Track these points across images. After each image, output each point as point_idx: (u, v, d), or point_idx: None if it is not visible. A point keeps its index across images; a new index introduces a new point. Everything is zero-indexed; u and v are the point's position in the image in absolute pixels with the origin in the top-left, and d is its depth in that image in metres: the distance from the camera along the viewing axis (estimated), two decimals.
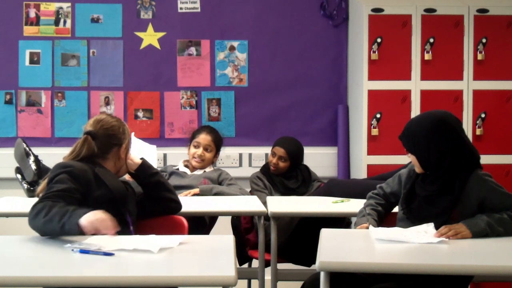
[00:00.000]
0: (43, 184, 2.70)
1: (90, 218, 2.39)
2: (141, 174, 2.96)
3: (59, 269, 2.11)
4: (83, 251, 2.24)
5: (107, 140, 2.80)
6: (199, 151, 4.14)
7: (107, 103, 4.89)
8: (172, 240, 2.41)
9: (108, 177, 2.73)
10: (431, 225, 2.63)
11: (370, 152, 4.53)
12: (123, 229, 2.55)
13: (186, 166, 4.19)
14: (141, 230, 2.71)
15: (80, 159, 2.74)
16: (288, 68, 4.97)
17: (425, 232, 2.60)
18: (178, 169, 4.18)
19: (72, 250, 2.25)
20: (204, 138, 4.17)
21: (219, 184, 4.07)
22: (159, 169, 4.26)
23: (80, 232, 2.39)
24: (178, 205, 3.02)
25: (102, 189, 2.67)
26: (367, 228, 2.78)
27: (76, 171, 2.62)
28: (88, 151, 2.75)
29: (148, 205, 2.93)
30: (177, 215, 3.03)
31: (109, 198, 2.66)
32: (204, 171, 4.14)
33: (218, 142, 4.21)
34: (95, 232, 2.39)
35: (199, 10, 4.93)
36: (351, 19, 4.93)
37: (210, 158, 4.17)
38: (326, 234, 2.67)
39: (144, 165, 2.98)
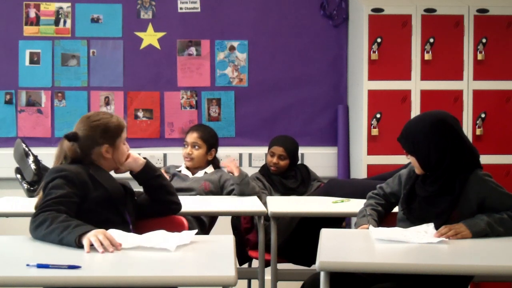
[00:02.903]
0: (41, 193, 2.63)
1: (90, 234, 2.32)
2: (144, 176, 2.89)
3: (59, 268, 2.10)
4: (41, 266, 2.09)
5: (85, 142, 2.72)
6: (187, 149, 4.13)
7: (107, 103, 4.89)
8: (184, 237, 2.43)
9: (103, 177, 2.70)
10: (431, 225, 2.63)
11: (370, 152, 4.53)
12: (123, 229, 2.54)
13: (187, 168, 4.18)
14: (141, 230, 2.70)
15: (71, 161, 2.70)
16: (288, 68, 4.97)
17: (425, 232, 2.60)
18: (180, 171, 4.17)
19: (28, 265, 2.09)
20: (190, 136, 4.15)
21: (221, 186, 4.05)
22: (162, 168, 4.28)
23: (80, 246, 2.32)
24: (179, 207, 3.00)
25: (99, 189, 2.64)
26: (368, 228, 2.78)
27: (71, 175, 2.59)
28: (71, 154, 2.70)
29: (148, 206, 2.91)
30: (177, 215, 3.03)
31: (106, 198, 2.64)
32: (205, 173, 4.13)
33: (206, 138, 4.13)
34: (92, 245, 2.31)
35: (199, 10, 4.93)
36: (351, 19, 4.93)
37: (200, 155, 4.12)
38: (326, 234, 2.67)
39: (148, 167, 2.90)
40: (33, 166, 3.84)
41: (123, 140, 2.82)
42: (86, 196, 2.60)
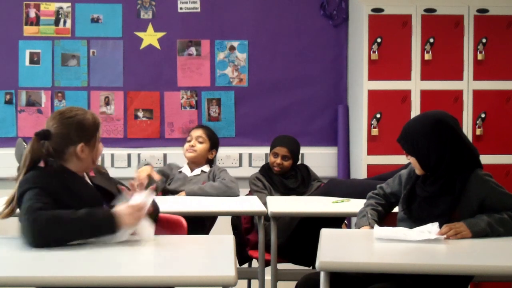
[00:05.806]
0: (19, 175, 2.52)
1: (125, 214, 2.35)
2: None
3: (59, 269, 2.10)
4: None
5: (58, 141, 2.52)
6: (191, 142, 4.15)
7: (107, 103, 4.89)
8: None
9: (78, 184, 2.55)
10: (435, 225, 2.61)
11: (370, 152, 4.53)
12: None
13: (188, 163, 4.18)
14: None
15: (44, 162, 2.53)
16: (288, 68, 4.97)
17: (429, 232, 2.58)
18: (181, 171, 4.16)
19: None
20: (195, 131, 4.19)
21: (213, 178, 4.06)
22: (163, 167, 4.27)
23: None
24: (158, 217, 2.84)
25: (75, 199, 2.48)
26: (368, 229, 2.78)
27: (45, 188, 2.44)
28: (42, 154, 2.52)
29: None
30: (177, 215, 3.02)
31: (84, 207, 2.47)
32: (202, 171, 4.12)
33: (210, 135, 4.18)
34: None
35: (199, 10, 4.93)
36: (351, 19, 4.93)
37: (203, 150, 4.14)
38: (326, 234, 2.66)
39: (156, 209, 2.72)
40: None
41: (99, 139, 2.61)
42: (62, 207, 2.42)
